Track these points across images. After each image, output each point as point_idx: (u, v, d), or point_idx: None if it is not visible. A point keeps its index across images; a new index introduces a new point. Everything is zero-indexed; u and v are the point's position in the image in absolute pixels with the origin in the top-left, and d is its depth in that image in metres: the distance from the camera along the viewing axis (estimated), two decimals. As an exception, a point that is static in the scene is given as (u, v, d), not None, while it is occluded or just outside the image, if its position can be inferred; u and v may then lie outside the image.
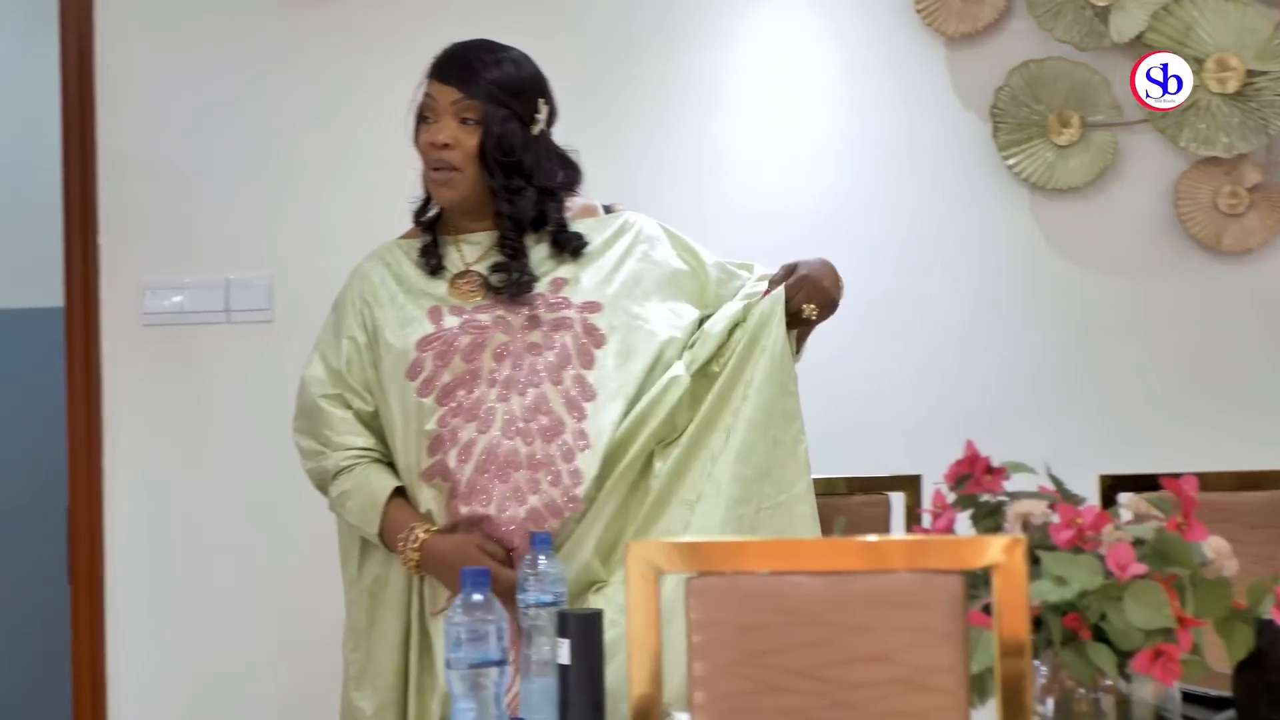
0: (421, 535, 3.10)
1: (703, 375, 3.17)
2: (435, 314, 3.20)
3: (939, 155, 4.43)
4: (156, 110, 4.49)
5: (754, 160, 4.46)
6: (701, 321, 3.25)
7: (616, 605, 2.99)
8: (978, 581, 2.08)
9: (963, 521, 2.45)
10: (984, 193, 4.42)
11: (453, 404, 3.12)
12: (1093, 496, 3.54)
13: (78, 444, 4.48)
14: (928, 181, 4.44)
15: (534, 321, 3.18)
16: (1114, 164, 4.39)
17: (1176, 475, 2.33)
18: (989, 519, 2.41)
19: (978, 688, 2.06)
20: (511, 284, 3.19)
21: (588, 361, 3.16)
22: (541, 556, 2.99)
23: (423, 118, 3.23)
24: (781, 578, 2.00)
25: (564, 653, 2.93)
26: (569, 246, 3.24)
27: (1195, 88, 4.33)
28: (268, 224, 4.48)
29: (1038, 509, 2.32)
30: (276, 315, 4.46)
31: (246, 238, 4.48)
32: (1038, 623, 2.21)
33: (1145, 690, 2.27)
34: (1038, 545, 2.26)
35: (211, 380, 4.48)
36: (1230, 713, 2.59)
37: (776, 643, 1.98)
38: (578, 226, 3.27)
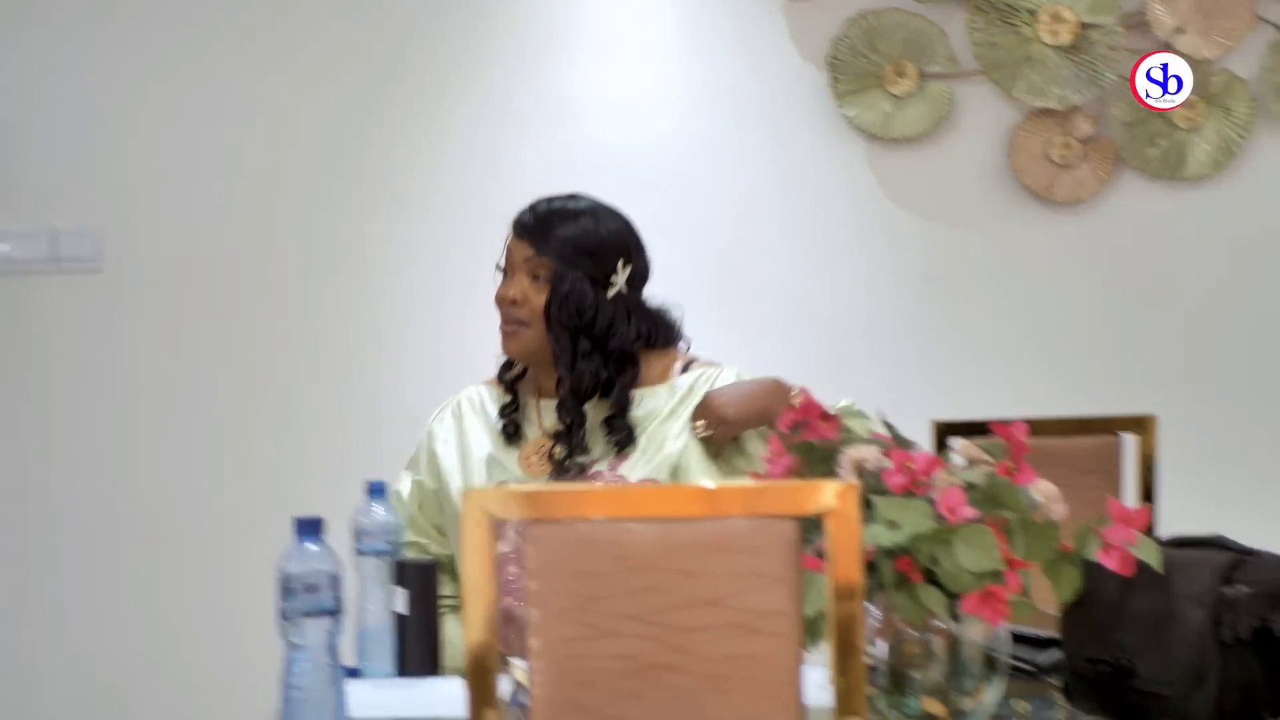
0: None
1: None
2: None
3: (777, 105, 4.45)
4: (-19, 53, 4.39)
5: (594, 109, 4.45)
6: None
7: None
8: (811, 526, 2.09)
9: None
10: (821, 142, 4.45)
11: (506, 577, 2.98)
12: (926, 442, 3.58)
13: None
14: (766, 131, 4.45)
15: None
16: (949, 115, 4.43)
17: (1007, 421, 2.36)
18: (823, 464, 2.42)
19: (811, 630, 2.07)
20: (566, 458, 3.12)
21: None
22: (376, 505, 2.97)
23: (502, 269, 3.20)
24: (617, 524, 2.00)
25: (400, 602, 2.92)
26: (616, 436, 3.14)
27: (1028, 40, 4.38)
28: (99, 172, 4.39)
29: (871, 455, 2.34)
30: (106, 266, 4.38)
31: (75, 185, 4.39)
32: (870, 566, 2.24)
33: (974, 631, 2.30)
34: (871, 490, 2.28)
35: (37, 332, 4.40)
36: (1056, 652, 2.64)
37: (611, 588, 1.98)
38: (646, 397, 3.17)
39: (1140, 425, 3.78)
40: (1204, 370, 4.40)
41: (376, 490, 2.98)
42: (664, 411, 3.16)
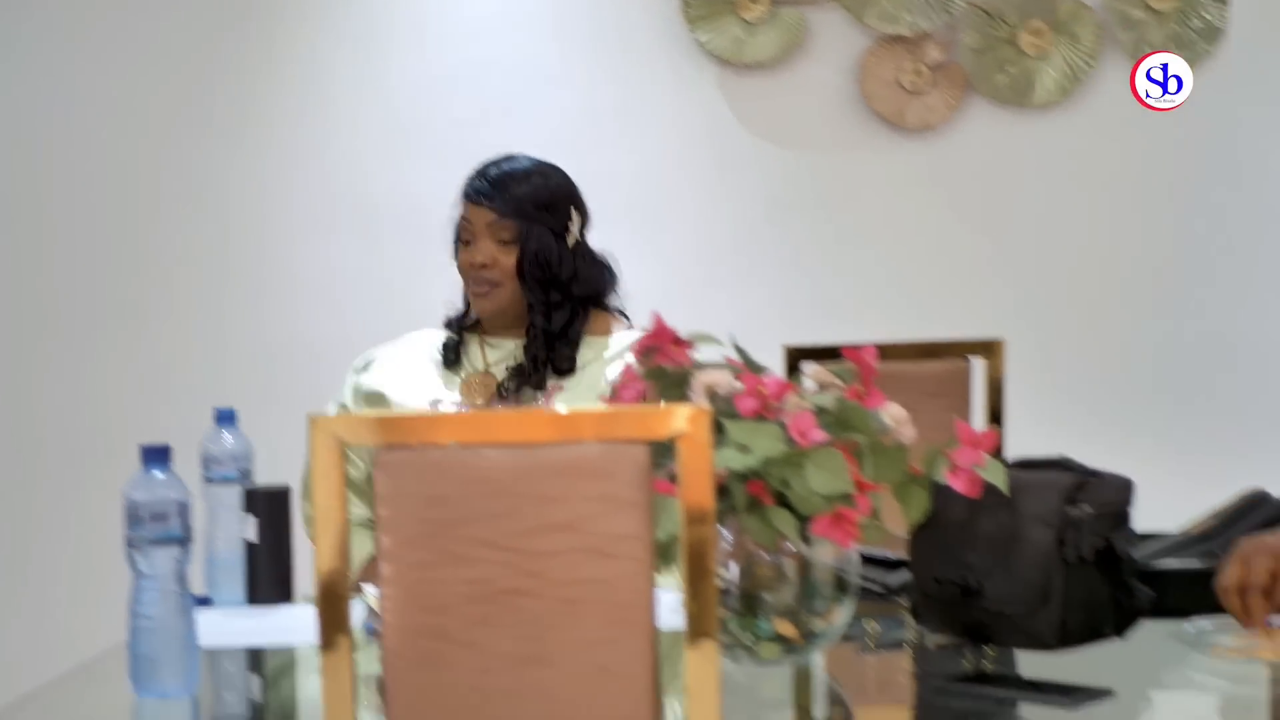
0: None
1: None
2: (434, 405, 3.26)
3: (629, 29, 4.43)
4: None
5: (442, 33, 4.40)
6: None
7: None
8: (664, 451, 2.10)
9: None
10: (673, 68, 4.44)
11: None
12: (777, 367, 3.60)
13: None
14: (617, 55, 4.44)
15: None
16: (801, 41, 4.44)
17: (857, 346, 2.37)
18: (676, 389, 2.43)
19: (663, 554, 2.08)
20: (523, 388, 3.25)
21: None
22: (226, 433, 2.94)
23: (461, 239, 3.29)
24: (470, 450, 1.99)
25: (250, 529, 2.90)
26: (559, 365, 3.27)
27: (880, -34, 4.40)
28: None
29: (723, 379, 2.35)
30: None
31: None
32: (722, 490, 2.25)
33: (825, 553, 2.32)
34: (723, 414, 2.29)
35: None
36: (905, 573, 2.67)
37: (463, 514, 1.97)
38: (586, 346, 3.30)
39: (988, 350, 3.83)
40: (1051, 295, 4.46)
41: (225, 417, 2.95)
42: (604, 360, 3.28)
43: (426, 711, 2.00)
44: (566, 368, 3.28)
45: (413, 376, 3.33)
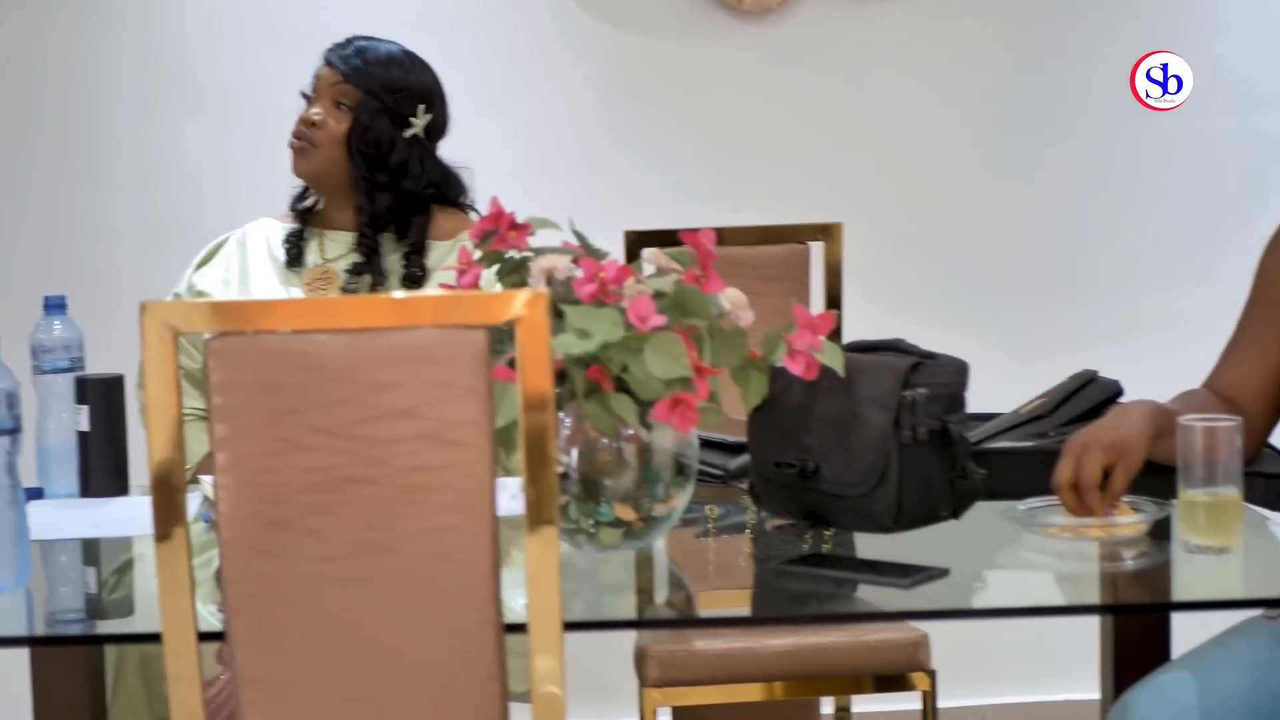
0: None
1: None
2: None
3: (465, -91, 4.37)
4: None
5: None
6: None
7: None
8: (503, 337, 2.09)
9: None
10: (510, -51, 4.39)
11: None
12: (618, 252, 3.60)
13: None
14: (454, -64, 4.38)
15: None
16: (639, -78, 4.40)
17: (696, 230, 2.37)
18: (514, 275, 2.42)
19: (503, 440, 2.08)
20: (363, 287, 3.23)
21: None
22: (57, 321, 2.89)
23: (306, 96, 3.29)
24: (305, 336, 1.97)
25: (83, 419, 2.86)
26: (411, 270, 3.26)
27: None
28: None
29: (562, 264, 2.34)
30: None
31: None
32: (561, 376, 2.24)
33: (665, 438, 2.33)
34: (561, 300, 2.28)
35: None
36: (745, 456, 2.69)
37: (300, 401, 1.95)
38: (433, 249, 3.29)
39: (827, 233, 3.85)
40: (889, 179, 4.48)
41: (55, 305, 2.89)
42: (449, 264, 3.22)
43: (265, 600, 1.99)
44: (417, 277, 3.27)
45: (249, 276, 3.29)
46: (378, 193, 3.26)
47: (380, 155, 3.26)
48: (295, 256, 3.31)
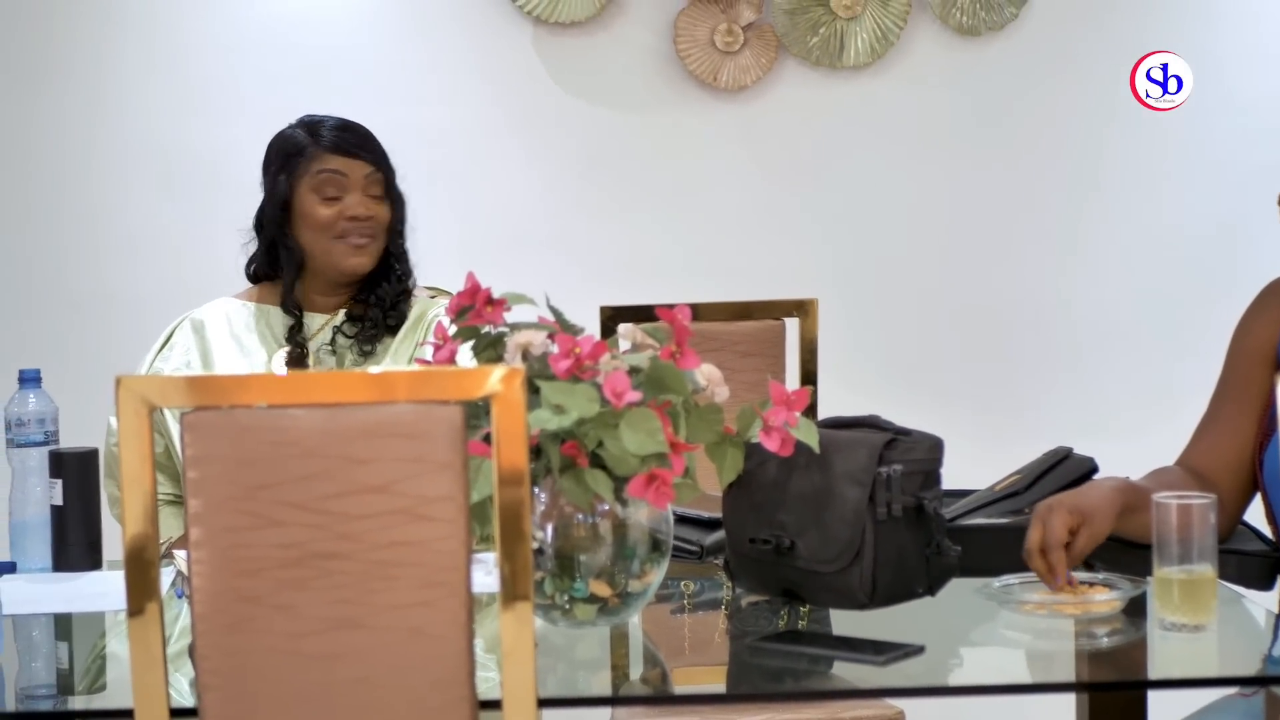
0: None
1: None
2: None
3: (443, -15, 4.40)
4: None
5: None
6: None
7: None
8: (478, 411, 2.09)
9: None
10: (488, 24, 4.41)
11: None
12: (593, 328, 3.60)
13: None
14: (430, 11, 4.40)
15: None
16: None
17: (671, 306, 2.37)
18: (490, 350, 2.42)
19: (479, 516, 2.07)
20: (360, 341, 3.22)
21: None
22: (31, 395, 2.88)
23: (327, 194, 3.21)
24: (280, 411, 1.97)
25: (57, 493, 2.84)
26: (387, 325, 3.25)
27: (694, -75, 4.40)
28: None
29: (538, 339, 2.34)
30: None
31: None
32: (537, 451, 2.24)
33: (641, 514, 2.32)
34: (537, 375, 2.28)
35: None
36: (720, 532, 2.69)
37: (275, 476, 1.95)
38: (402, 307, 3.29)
39: (802, 309, 3.86)
40: (862, 255, 4.51)
41: (29, 379, 2.88)
42: (409, 321, 3.28)
43: (238, 675, 1.98)
44: (394, 325, 3.26)
45: (212, 359, 3.25)
46: (399, 265, 3.28)
47: (403, 231, 3.29)
48: (299, 354, 3.26)
